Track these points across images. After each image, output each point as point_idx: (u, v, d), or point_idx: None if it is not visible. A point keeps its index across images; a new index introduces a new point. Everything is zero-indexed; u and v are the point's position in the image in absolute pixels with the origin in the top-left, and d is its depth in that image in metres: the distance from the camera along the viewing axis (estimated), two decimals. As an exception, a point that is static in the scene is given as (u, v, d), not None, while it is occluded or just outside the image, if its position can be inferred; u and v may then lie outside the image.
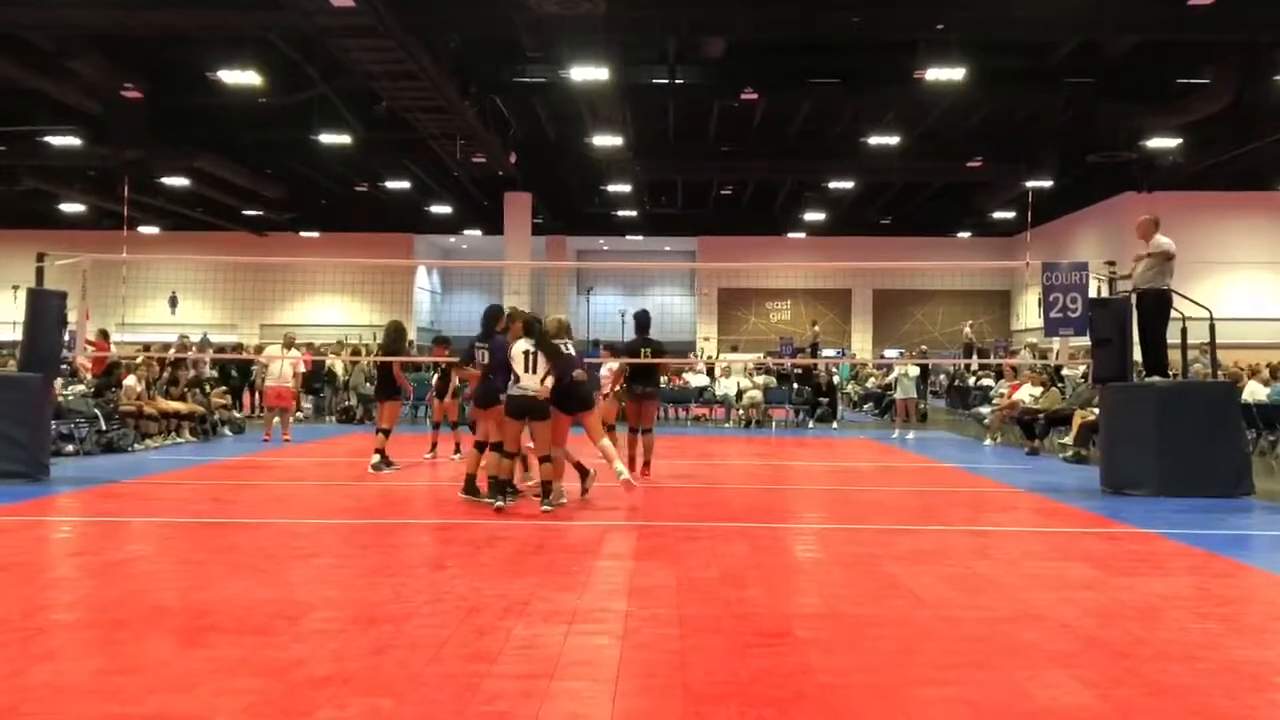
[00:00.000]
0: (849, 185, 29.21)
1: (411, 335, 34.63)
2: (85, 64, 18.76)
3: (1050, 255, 16.42)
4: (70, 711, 3.86)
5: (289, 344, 16.70)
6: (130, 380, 14.72)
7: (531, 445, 9.38)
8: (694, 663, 4.52)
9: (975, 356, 24.67)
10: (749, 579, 6.32)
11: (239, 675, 4.29)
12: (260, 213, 32.71)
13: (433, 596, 5.72)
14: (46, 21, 16.07)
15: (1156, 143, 23.21)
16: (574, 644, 4.82)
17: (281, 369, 16.05)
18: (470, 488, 9.43)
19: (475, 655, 4.58)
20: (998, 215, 32.74)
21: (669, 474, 12.08)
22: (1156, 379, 10.84)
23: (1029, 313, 32.44)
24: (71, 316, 12.08)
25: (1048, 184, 26.37)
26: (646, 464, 11.52)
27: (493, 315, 9.85)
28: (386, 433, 12.05)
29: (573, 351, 9.31)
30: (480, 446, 9.54)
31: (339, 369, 21.95)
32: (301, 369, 17.04)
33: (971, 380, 23.94)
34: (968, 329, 27.73)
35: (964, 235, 35.81)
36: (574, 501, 9.48)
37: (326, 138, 23.11)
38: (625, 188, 28.69)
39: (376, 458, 11.77)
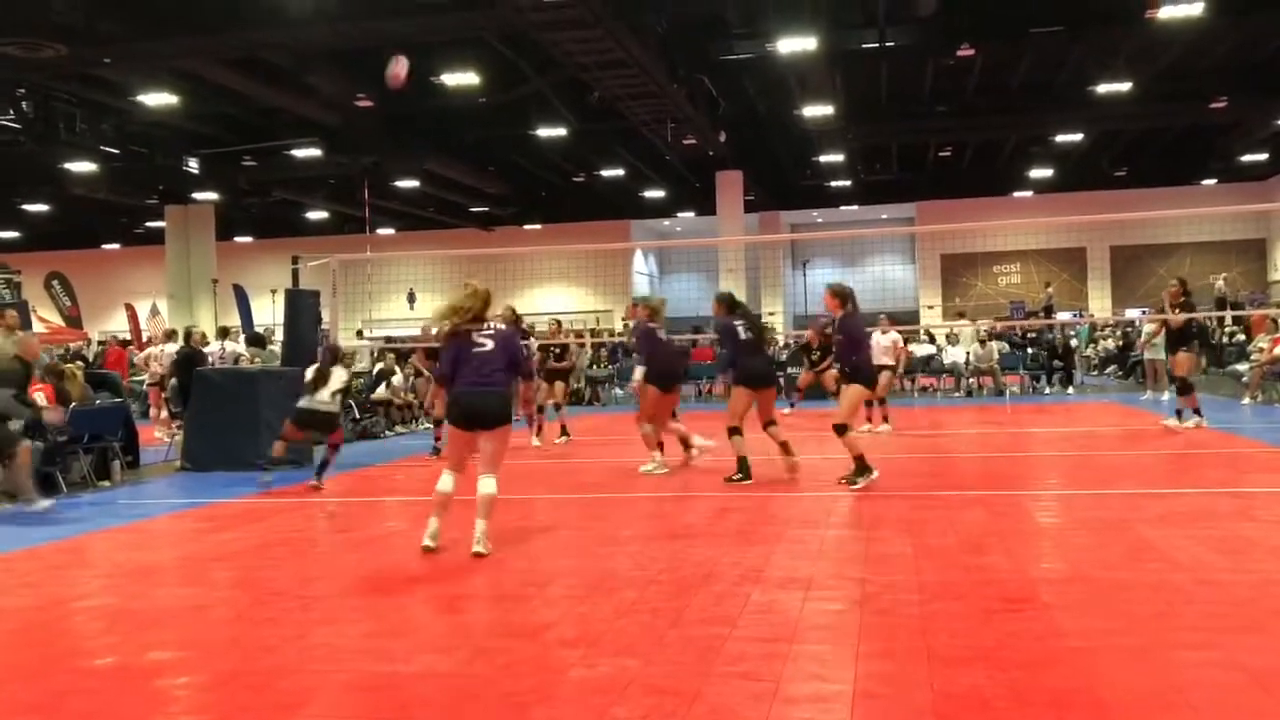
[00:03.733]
0: (1077, 138, 27.64)
1: (629, 320, 35.47)
2: (321, 78, 20.02)
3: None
4: (348, 669, 4.19)
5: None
6: (398, 379, 15.88)
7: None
8: (936, 628, 4.45)
9: (1228, 310, 22.92)
10: (989, 546, 6.15)
11: (495, 637, 4.55)
12: (486, 209, 34.12)
13: (670, 565, 5.85)
14: (284, 40, 17.22)
15: None
16: (811, 609, 4.83)
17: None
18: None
19: (715, 619, 4.67)
20: (1247, 159, 30.20)
21: (898, 447, 11.86)
22: None
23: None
24: (324, 315, 13.01)
25: (1305, 120, 24.11)
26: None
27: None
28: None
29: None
30: None
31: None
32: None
33: (1225, 336, 22.28)
34: (1219, 282, 25.83)
35: (1209, 183, 33.23)
36: (812, 471, 9.46)
37: (543, 132, 23.81)
38: (838, 157, 28.17)
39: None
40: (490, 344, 6.42)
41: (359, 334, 24.48)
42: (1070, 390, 20.33)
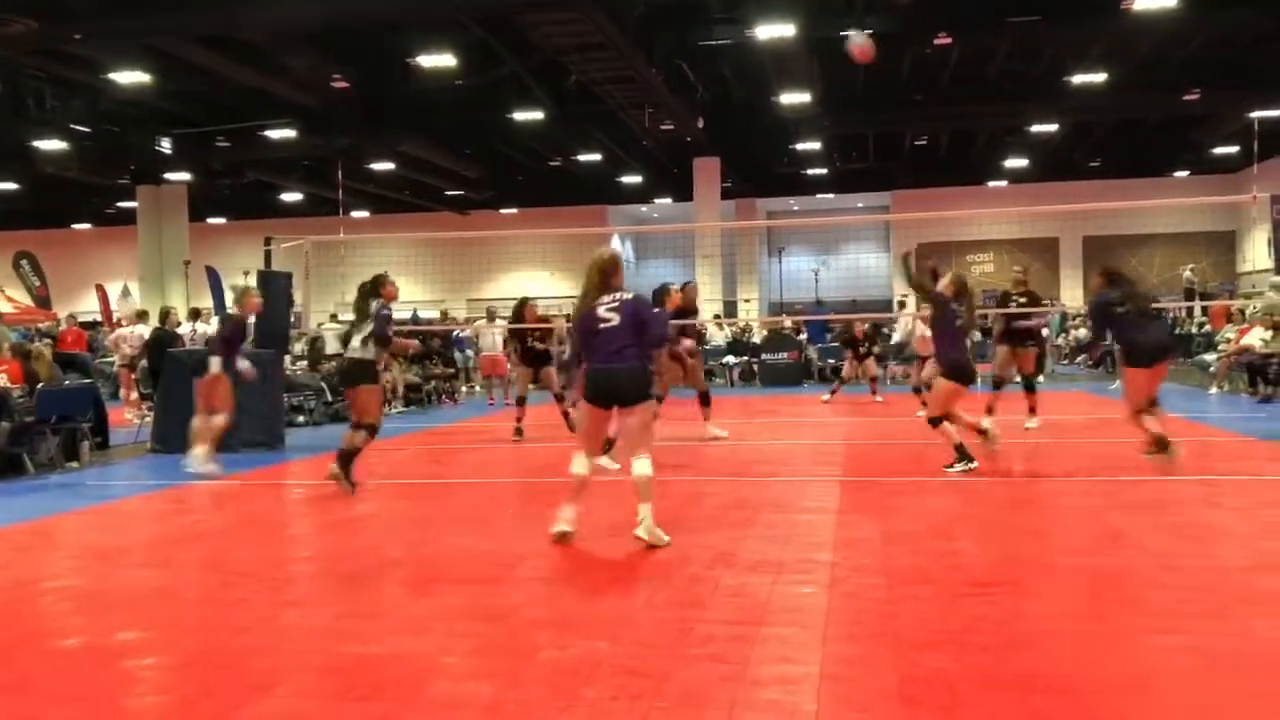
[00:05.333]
0: (1052, 128, 27.77)
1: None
2: (297, 59, 19.82)
3: (1282, 189, 15.10)
4: (318, 649, 4.19)
5: (492, 317, 17.34)
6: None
7: None
8: (903, 611, 4.49)
9: (1197, 301, 23.14)
10: (958, 531, 6.20)
11: (466, 620, 4.55)
12: (462, 192, 33.95)
13: (640, 547, 5.87)
14: (259, 21, 17.00)
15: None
16: (781, 592, 4.86)
17: (493, 340, 16.70)
18: None
19: (685, 602, 4.69)
20: (1219, 151, 30.47)
21: (866, 432, 11.92)
22: None
23: (1258, 253, 30.05)
24: (297, 297, 12.92)
25: (1277, 113, 24.30)
26: None
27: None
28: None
29: None
30: None
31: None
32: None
33: (1194, 327, 22.52)
34: (1188, 273, 26.08)
35: (1181, 174, 33.53)
36: (786, 457, 9.50)
37: (520, 115, 23.69)
38: (815, 145, 28.23)
39: None
40: (616, 318, 6.00)
41: (332, 317, 24.30)
42: (1040, 378, 20.44)
